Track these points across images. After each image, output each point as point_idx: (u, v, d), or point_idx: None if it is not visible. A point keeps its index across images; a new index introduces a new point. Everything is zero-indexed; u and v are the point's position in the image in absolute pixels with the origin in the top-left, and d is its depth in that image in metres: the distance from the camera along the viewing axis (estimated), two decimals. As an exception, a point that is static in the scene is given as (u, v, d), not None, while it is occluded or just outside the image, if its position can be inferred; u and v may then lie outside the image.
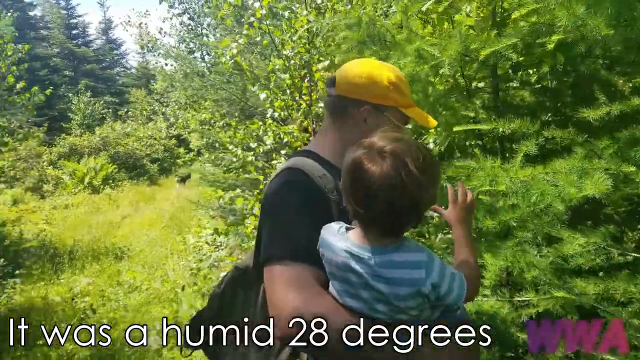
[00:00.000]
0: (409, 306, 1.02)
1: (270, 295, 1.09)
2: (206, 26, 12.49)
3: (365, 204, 1.00)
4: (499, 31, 1.93)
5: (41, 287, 5.82)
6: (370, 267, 1.01)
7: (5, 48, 9.37)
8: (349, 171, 1.02)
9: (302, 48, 4.23)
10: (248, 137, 5.15)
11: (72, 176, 15.25)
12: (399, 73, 1.36)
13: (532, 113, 2.20)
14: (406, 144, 1.00)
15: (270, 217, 1.22)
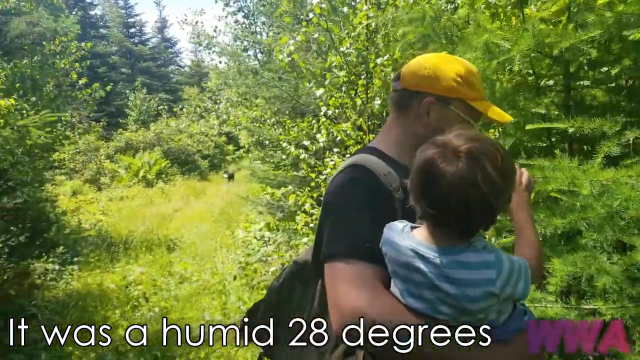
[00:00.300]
0: (478, 308, 0.98)
1: (330, 292, 1.08)
2: (260, 24, 12.67)
3: (436, 205, 0.96)
4: (577, 24, 1.81)
5: (97, 275, 6.06)
6: (436, 267, 0.98)
7: (69, 46, 9.81)
8: (421, 170, 0.98)
9: (360, 44, 4.18)
10: (302, 135, 5.17)
11: (128, 170, 15.82)
12: (471, 67, 1.31)
13: (604, 113, 2.10)
14: (483, 143, 0.96)
15: (333, 214, 1.19)
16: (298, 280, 1.42)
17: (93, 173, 14.88)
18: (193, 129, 21.69)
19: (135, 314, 4.73)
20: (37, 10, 8.81)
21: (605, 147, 1.61)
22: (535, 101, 2.03)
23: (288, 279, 1.45)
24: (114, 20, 33.00)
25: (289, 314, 1.36)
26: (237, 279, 5.43)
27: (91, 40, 18.25)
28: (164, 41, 36.91)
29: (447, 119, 1.25)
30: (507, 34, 1.85)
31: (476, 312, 0.98)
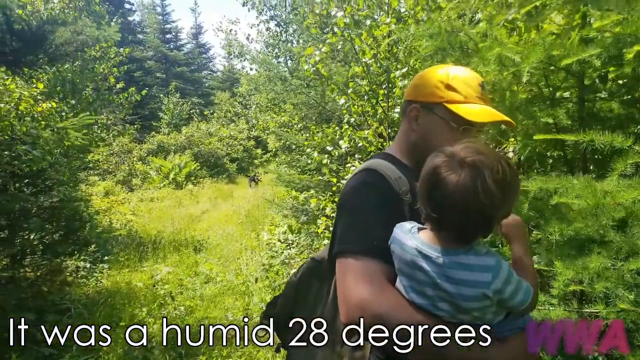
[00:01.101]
0: (472, 307, 1.05)
1: (340, 286, 1.16)
2: (291, 32, 12.88)
3: (438, 209, 1.04)
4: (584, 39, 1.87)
5: (126, 274, 6.26)
6: (438, 266, 1.06)
7: (108, 51, 10.19)
8: (428, 176, 1.06)
9: (382, 55, 4.28)
10: (325, 141, 5.27)
11: (159, 172, 16.21)
12: (462, 73, 1.33)
13: (619, 125, 2.12)
14: (488, 157, 1.01)
15: (347, 213, 1.28)
16: (315, 276, 1.52)
17: (125, 174, 15.30)
18: (223, 132, 22.06)
19: (162, 311, 4.88)
20: (81, 18, 9.20)
21: (620, 166, 1.64)
22: (547, 112, 2.07)
23: (306, 275, 1.55)
24: (151, 27, 33.91)
25: (306, 308, 1.49)
26: (259, 280, 5.54)
27: (129, 45, 18.85)
28: (198, 47, 37.71)
29: (433, 124, 1.33)
30: (519, 47, 1.91)
31: (471, 311, 1.05)
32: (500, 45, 2.01)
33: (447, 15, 2.95)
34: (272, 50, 13.54)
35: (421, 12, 4.25)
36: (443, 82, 1.31)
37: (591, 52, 1.72)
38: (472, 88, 1.31)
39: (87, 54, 8.84)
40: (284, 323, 1.54)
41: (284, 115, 8.55)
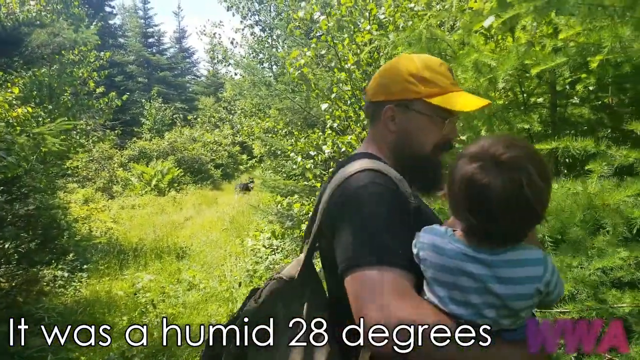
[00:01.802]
0: (522, 307, 0.99)
1: (364, 306, 0.97)
2: (275, 37, 12.84)
3: (490, 219, 0.95)
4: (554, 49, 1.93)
5: (106, 282, 6.13)
6: (489, 268, 0.97)
7: (88, 55, 10.02)
8: (463, 186, 0.95)
9: (364, 62, 4.28)
10: (308, 146, 5.23)
11: (140, 178, 15.99)
12: (428, 61, 1.26)
13: (590, 130, 2.17)
14: (521, 149, 0.94)
15: (356, 219, 1.09)
16: (281, 299, 1.26)
17: (105, 181, 15.05)
18: (207, 138, 21.90)
19: (143, 319, 4.77)
20: (59, 20, 9.03)
21: (597, 168, 1.67)
22: (522, 117, 2.09)
23: (269, 299, 1.26)
24: (133, 30, 33.57)
25: (266, 337, 1.22)
26: (242, 286, 5.46)
27: (109, 49, 18.61)
28: (182, 51, 37.44)
29: (413, 121, 1.24)
30: (495, 55, 1.95)
31: (518, 312, 0.99)
32: (477, 52, 2.05)
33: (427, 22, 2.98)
34: (257, 55, 13.49)
35: (400, 19, 4.26)
36: (415, 76, 1.22)
37: (558, 61, 1.80)
38: (445, 76, 1.25)
39: (65, 58, 8.66)
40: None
41: (269, 121, 8.49)
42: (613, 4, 1.80)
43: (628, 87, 2.20)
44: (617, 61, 1.85)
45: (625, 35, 1.62)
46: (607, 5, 1.82)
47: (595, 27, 1.77)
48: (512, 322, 1.00)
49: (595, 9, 1.82)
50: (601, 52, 1.71)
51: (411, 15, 4.29)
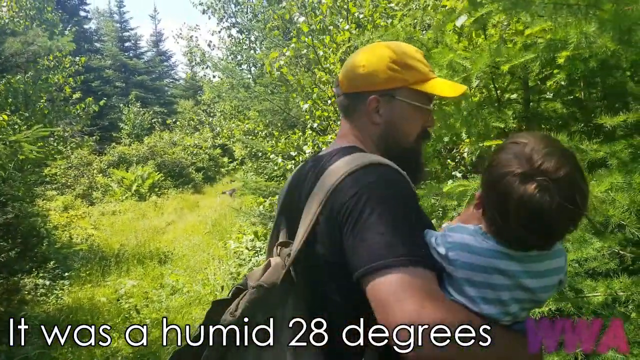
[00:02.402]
0: (547, 297, 1.04)
1: (396, 309, 0.88)
2: (253, 39, 12.84)
3: (539, 233, 0.95)
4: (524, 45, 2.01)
5: (88, 289, 6.07)
6: (520, 263, 0.98)
7: (63, 61, 9.90)
8: (523, 207, 0.91)
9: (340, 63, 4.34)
10: (289, 147, 5.26)
11: (120, 184, 15.80)
12: (405, 48, 1.23)
13: (564, 124, 2.24)
14: (570, 160, 0.93)
15: (377, 218, 0.98)
16: (260, 309, 1.10)
17: (85, 188, 14.81)
18: (187, 141, 21.74)
19: (126, 325, 4.75)
20: (32, 27, 8.91)
21: None
22: (496, 115, 2.15)
23: (248, 310, 1.10)
24: (109, 35, 33.14)
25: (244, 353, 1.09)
26: (226, 289, 5.47)
27: (85, 54, 18.39)
28: (159, 55, 37.08)
29: (399, 110, 1.20)
30: (468, 54, 2.00)
31: (543, 303, 1.06)
32: (451, 51, 2.10)
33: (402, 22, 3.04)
34: (235, 57, 13.46)
35: (379, 19, 4.32)
36: (397, 62, 1.18)
37: (527, 57, 1.84)
38: (423, 62, 1.22)
39: (40, 64, 8.55)
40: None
41: (249, 123, 8.50)
42: (577, 3, 1.88)
43: (597, 82, 2.28)
44: (584, 57, 1.90)
45: (590, 32, 1.67)
46: (572, 4, 1.90)
47: (561, 24, 1.83)
48: (526, 315, 1.04)
49: (561, 7, 1.90)
50: (567, 48, 1.76)
51: (390, 14, 4.36)
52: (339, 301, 1.07)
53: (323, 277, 1.09)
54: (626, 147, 1.72)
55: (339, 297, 1.06)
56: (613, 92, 2.22)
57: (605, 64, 2.00)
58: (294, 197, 1.22)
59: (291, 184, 1.28)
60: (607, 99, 2.26)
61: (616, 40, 1.67)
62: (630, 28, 1.65)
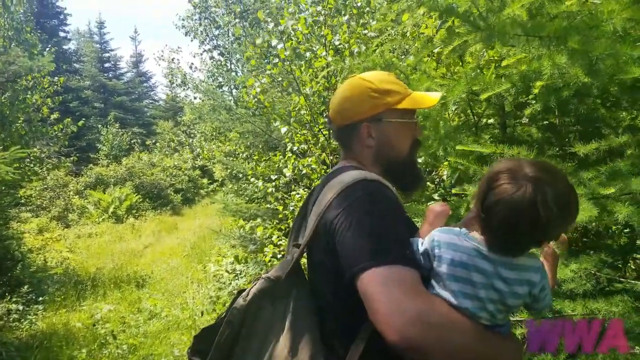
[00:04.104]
0: (517, 304, 1.10)
1: (382, 301, 1.01)
2: (234, 62, 12.91)
3: (500, 222, 1.03)
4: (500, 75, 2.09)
5: (63, 314, 5.93)
6: (494, 266, 1.07)
7: (41, 81, 9.81)
8: (489, 185, 1.06)
9: (321, 87, 4.41)
10: (269, 170, 5.28)
11: (97, 206, 15.54)
12: (379, 75, 1.39)
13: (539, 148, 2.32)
14: (554, 175, 1.04)
15: (368, 223, 1.14)
16: (269, 299, 1.32)
17: (61, 209, 14.51)
18: (167, 163, 21.56)
19: (103, 351, 4.64)
20: (10, 47, 8.83)
21: None
22: (473, 138, 2.23)
23: (257, 298, 1.31)
24: (89, 55, 32.94)
25: (254, 338, 1.29)
26: (205, 314, 5.39)
27: (64, 74, 18.22)
28: (139, 76, 36.94)
29: (389, 131, 1.35)
30: (445, 81, 2.08)
31: (512, 308, 1.11)
32: (428, 78, 2.18)
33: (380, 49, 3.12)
34: (216, 79, 13.50)
35: (355, 45, 4.43)
36: (377, 90, 1.34)
37: (503, 87, 1.95)
38: (398, 83, 1.38)
39: (18, 84, 8.45)
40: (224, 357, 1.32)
41: (229, 145, 8.50)
42: (548, 35, 1.98)
43: (571, 109, 2.38)
44: (557, 86, 2.00)
45: (562, 63, 1.77)
46: (543, 36, 2.00)
47: (534, 55, 1.92)
48: (504, 318, 1.11)
49: (533, 40, 2.00)
50: (542, 79, 1.86)
51: (364, 40, 4.47)
52: (331, 300, 1.24)
53: (320, 277, 1.30)
54: (596, 176, 1.80)
55: (332, 296, 1.23)
56: (586, 119, 2.30)
57: (578, 92, 2.09)
58: (308, 205, 1.41)
59: (309, 194, 1.48)
60: (580, 124, 2.35)
61: (586, 71, 1.76)
62: (597, 59, 1.74)
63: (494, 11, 2.15)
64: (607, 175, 1.77)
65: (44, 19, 27.41)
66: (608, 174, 1.77)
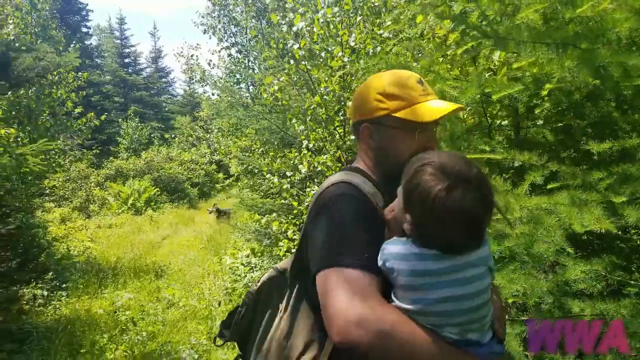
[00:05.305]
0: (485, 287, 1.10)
1: (330, 300, 1.07)
2: (252, 59, 13.10)
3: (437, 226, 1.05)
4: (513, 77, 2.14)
5: (85, 300, 6.17)
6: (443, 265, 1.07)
7: (66, 76, 10.11)
8: (430, 204, 1.03)
9: (337, 86, 4.54)
10: (285, 166, 5.44)
11: (117, 197, 15.89)
12: (398, 77, 1.35)
13: (552, 150, 2.38)
14: (478, 169, 1.06)
15: (329, 225, 1.20)
16: (276, 287, 1.48)
17: (82, 200, 14.89)
18: (185, 157, 21.89)
19: (123, 337, 4.86)
20: (36, 43, 9.13)
21: (531, 177, 1.91)
22: (485, 139, 2.32)
23: (266, 285, 1.52)
24: (109, 51, 33.54)
25: (263, 319, 1.47)
26: (222, 304, 5.59)
27: (86, 69, 18.59)
28: (158, 71, 37.43)
29: (388, 136, 1.33)
30: (458, 82, 2.17)
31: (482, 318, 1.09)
32: (441, 80, 2.27)
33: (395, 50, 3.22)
34: (234, 76, 13.71)
35: (370, 45, 4.54)
36: (382, 94, 1.32)
37: (516, 88, 1.99)
38: (412, 88, 1.32)
39: (45, 80, 8.75)
40: (243, 334, 1.55)
41: (245, 140, 8.69)
42: (555, 41, 2.06)
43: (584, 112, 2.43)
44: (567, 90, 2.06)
45: (571, 66, 1.81)
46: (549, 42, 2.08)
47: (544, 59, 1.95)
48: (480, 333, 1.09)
49: (540, 46, 2.09)
50: (551, 82, 1.92)
51: (380, 41, 4.58)
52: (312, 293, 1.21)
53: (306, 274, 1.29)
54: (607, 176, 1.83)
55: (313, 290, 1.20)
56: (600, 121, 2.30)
57: (591, 95, 2.13)
58: None
59: None
60: (593, 127, 2.36)
61: (593, 76, 1.82)
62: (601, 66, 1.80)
63: (508, 15, 2.20)
64: (618, 179, 1.79)
65: (66, 15, 27.96)
66: (619, 177, 1.78)
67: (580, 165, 2.07)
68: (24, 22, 9.76)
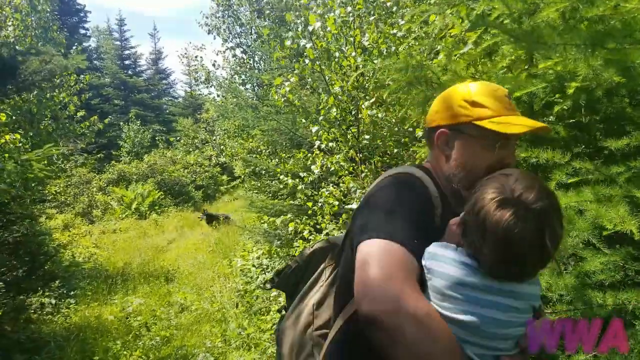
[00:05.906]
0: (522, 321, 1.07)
1: (372, 269, 1.01)
2: (257, 59, 12.99)
3: (508, 261, 1.02)
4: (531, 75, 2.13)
5: (95, 307, 6.06)
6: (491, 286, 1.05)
7: (68, 79, 10.01)
8: (496, 231, 1.00)
9: (350, 86, 4.44)
10: (297, 167, 5.33)
11: (120, 202, 15.78)
12: (485, 87, 1.28)
13: (566, 145, 2.35)
14: (549, 197, 1.02)
15: (389, 201, 1.18)
16: (324, 256, 1.63)
17: (85, 206, 14.76)
18: (190, 159, 21.76)
19: (137, 343, 4.75)
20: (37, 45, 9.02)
21: (557, 176, 1.92)
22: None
23: (319, 252, 1.65)
24: (109, 53, 33.39)
25: (309, 280, 1.62)
26: (242, 305, 5.51)
27: (85, 72, 18.50)
28: (158, 73, 37.29)
29: (466, 145, 1.25)
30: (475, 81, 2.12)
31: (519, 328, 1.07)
32: (459, 78, 2.20)
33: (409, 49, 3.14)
34: (239, 76, 13.60)
35: (384, 45, 4.44)
36: (467, 100, 1.24)
37: (538, 85, 1.99)
38: (499, 100, 1.24)
39: (49, 83, 8.65)
40: (291, 287, 1.69)
41: (252, 142, 8.58)
42: (584, 42, 2.00)
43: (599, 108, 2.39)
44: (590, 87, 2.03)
45: (597, 65, 1.82)
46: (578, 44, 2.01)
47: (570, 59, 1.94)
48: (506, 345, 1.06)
49: (571, 48, 2.01)
50: (576, 80, 1.89)
51: (393, 40, 4.47)
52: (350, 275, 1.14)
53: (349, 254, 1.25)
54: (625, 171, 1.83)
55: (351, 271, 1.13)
56: (614, 117, 2.31)
57: (607, 92, 2.13)
58: None
59: None
60: (606, 123, 2.37)
61: (620, 75, 1.81)
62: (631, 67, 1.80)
63: (529, 13, 2.18)
64: (637, 173, 1.78)
65: (64, 17, 27.87)
66: (637, 171, 1.78)
67: (594, 160, 2.08)
68: (24, 24, 9.64)
